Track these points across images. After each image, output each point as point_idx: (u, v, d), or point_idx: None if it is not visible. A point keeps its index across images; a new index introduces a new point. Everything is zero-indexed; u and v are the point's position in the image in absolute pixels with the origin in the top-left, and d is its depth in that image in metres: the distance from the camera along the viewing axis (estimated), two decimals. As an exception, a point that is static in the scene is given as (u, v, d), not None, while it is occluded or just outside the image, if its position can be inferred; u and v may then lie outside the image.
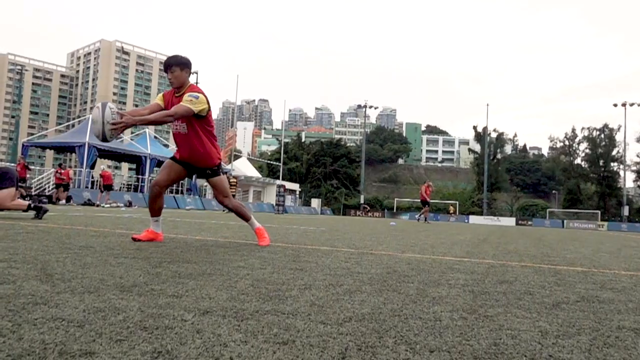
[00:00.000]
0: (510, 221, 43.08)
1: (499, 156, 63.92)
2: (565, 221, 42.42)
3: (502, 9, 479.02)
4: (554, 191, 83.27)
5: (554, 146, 65.86)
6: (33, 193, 19.97)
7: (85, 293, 1.67)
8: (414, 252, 4.16)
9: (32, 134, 74.76)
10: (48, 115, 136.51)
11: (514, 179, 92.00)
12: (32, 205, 6.48)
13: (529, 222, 42.68)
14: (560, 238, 10.01)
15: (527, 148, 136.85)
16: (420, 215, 19.35)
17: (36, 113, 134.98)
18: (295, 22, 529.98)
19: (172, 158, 3.89)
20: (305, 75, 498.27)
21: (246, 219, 3.99)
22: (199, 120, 3.65)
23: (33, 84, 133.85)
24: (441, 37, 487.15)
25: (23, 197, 12.53)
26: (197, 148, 3.70)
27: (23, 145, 25.91)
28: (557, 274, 3.06)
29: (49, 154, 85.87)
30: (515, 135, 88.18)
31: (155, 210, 3.86)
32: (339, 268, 2.76)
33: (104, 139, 3.49)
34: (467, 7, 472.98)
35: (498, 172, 61.66)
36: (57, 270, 2.11)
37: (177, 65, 3.62)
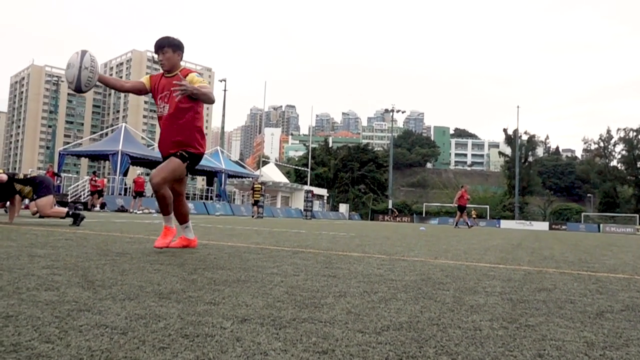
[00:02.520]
0: (543, 226, 42.07)
1: (530, 159, 62.64)
2: (601, 225, 41.13)
3: (530, 8, 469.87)
4: (588, 194, 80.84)
5: (588, 148, 64.11)
6: (69, 200, 20.59)
7: (126, 300, 1.70)
8: (446, 259, 4.10)
9: (68, 143, 77.16)
10: (83, 124, 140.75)
11: (546, 182, 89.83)
12: (70, 213, 6.68)
13: (563, 227, 41.57)
14: (598, 243, 9.71)
15: (560, 150, 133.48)
16: (457, 222, 18.95)
17: (71, 122, 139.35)
18: (321, 27, 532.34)
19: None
20: (332, 80, 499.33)
21: (165, 212, 3.60)
22: (190, 101, 3.47)
23: (68, 94, 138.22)
24: (468, 39, 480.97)
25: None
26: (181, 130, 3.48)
27: (59, 153, 26.77)
28: (597, 282, 2.97)
29: (84, 161, 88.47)
30: (547, 137, 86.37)
31: (177, 216, 3.74)
32: (372, 275, 2.74)
33: (78, 88, 3.26)
34: (494, 8, 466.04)
35: (530, 175, 60.41)
36: (98, 277, 2.17)
37: (169, 47, 3.45)
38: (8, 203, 7.01)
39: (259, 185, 23.05)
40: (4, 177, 6.46)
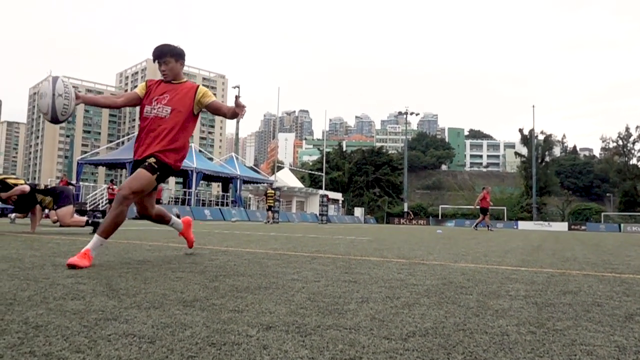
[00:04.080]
0: (562, 226, 41.45)
1: (547, 159, 61.84)
2: (622, 225, 40.38)
3: (543, 6, 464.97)
4: (608, 194, 79.48)
5: (607, 146, 63.08)
6: (87, 209, 20.89)
7: (151, 308, 1.71)
8: (466, 262, 4.06)
9: (86, 152, 78.32)
10: (100, 133, 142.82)
11: (564, 182, 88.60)
12: (89, 221, 6.77)
13: (583, 227, 40.90)
14: (620, 243, 9.52)
15: (577, 149, 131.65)
16: (477, 224, 18.71)
17: (89, 132, 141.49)
18: (334, 32, 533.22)
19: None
20: (345, 84, 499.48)
21: (108, 233, 3.03)
22: (194, 117, 3.35)
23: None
24: (481, 39, 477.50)
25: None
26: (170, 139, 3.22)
27: (78, 163, 27.19)
28: (623, 283, 2.91)
29: (101, 170, 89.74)
30: (564, 137, 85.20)
31: (162, 222, 3.55)
32: (393, 280, 2.72)
33: (54, 118, 3.01)
34: (508, 7, 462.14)
35: (547, 175, 59.64)
36: (121, 286, 2.19)
37: (171, 56, 3.25)
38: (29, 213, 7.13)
39: (272, 191, 23.11)
40: (27, 188, 6.58)
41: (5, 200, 6.58)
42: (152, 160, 3.13)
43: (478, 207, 18.23)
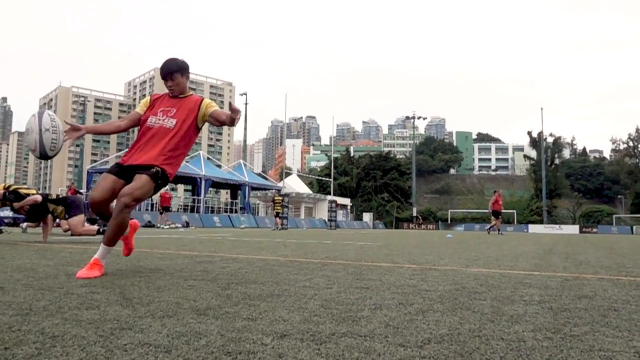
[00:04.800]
0: (573, 229, 41.08)
1: (557, 161, 61.39)
2: (634, 227, 39.93)
3: (549, 8, 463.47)
4: (619, 195, 78.60)
5: (617, 148, 62.53)
6: (98, 217, 21.03)
7: (165, 317, 1.72)
8: (478, 267, 4.03)
9: (95, 161, 79.02)
10: (109, 142, 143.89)
11: (574, 185, 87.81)
12: (100, 230, 6.81)
13: (594, 230, 40.50)
14: (633, 246, 9.42)
15: (587, 151, 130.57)
16: (491, 227, 18.67)
17: (98, 141, 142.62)
18: (340, 38, 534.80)
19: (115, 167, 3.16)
20: (351, 89, 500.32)
21: (113, 241, 2.98)
22: (196, 130, 3.30)
23: (95, 113, 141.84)
24: (487, 42, 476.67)
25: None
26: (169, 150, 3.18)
27: (88, 172, 27.40)
28: (639, 287, 2.87)
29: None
30: (574, 139, 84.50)
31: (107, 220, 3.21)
32: (405, 286, 2.71)
33: (43, 154, 2.95)
34: (514, 9, 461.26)
35: (557, 178, 59.20)
36: (135, 294, 2.20)
37: (178, 71, 3.24)
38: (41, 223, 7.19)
39: (280, 198, 23.15)
40: (39, 198, 6.64)
41: (17, 210, 6.65)
42: (157, 170, 3.08)
43: (490, 209, 18.17)
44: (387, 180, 63.77)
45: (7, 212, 14.85)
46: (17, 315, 1.70)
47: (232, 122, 3.19)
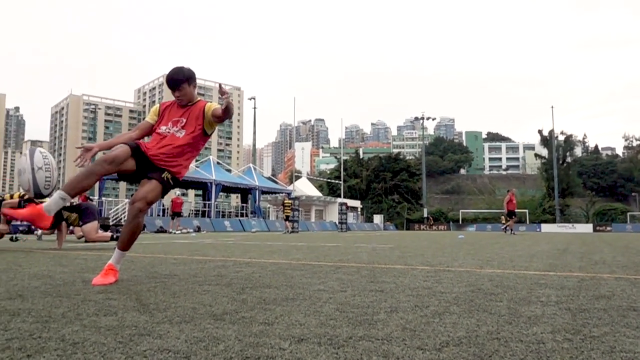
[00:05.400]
0: (586, 228, 40.64)
1: (568, 159, 60.72)
2: (649, 225, 39.38)
3: (558, 6, 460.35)
4: (633, 193, 77.61)
5: (630, 145, 61.81)
6: (110, 224, 21.20)
7: (182, 323, 1.73)
8: (493, 267, 4.01)
9: (107, 168, 79.38)
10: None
11: (587, 183, 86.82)
12: (114, 236, 6.87)
13: (608, 228, 40.03)
14: (649, 244, 9.29)
15: (599, 149, 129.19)
16: (506, 226, 18.53)
17: (109, 148, 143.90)
18: (347, 39, 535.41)
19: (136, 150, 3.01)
20: (359, 91, 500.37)
21: (128, 245, 3.04)
22: (204, 137, 3.29)
23: (105, 120, 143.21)
24: (496, 41, 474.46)
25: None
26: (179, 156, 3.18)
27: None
28: (658, 286, 2.83)
29: (122, 185, 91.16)
30: (585, 137, 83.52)
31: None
32: (420, 288, 2.70)
33: (37, 193, 2.87)
34: (523, 8, 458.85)
35: (569, 176, 58.54)
36: (151, 300, 2.21)
37: (185, 81, 3.21)
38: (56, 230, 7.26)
39: (289, 201, 23.17)
40: (52, 204, 6.71)
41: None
42: (169, 175, 3.12)
43: (506, 209, 17.95)
44: (397, 182, 63.54)
45: (21, 220, 15.01)
46: (37, 322, 1.72)
47: (226, 110, 3.13)
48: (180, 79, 3.19)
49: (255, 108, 44.57)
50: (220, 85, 3.16)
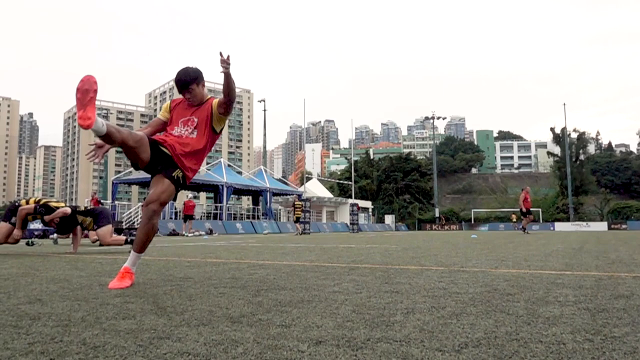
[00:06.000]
0: (601, 226, 40.15)
1: (582, 157, 60.04)
2: (666, 222, 38.79)
3: (568, 2, 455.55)
4: (648, 190, 76.51)
5: (644, 141, 60.76)
6: (124, 227, 21.39)
7: (200, 326, 1.74)
8: (507, 267, 3.98)
9: (119, 172, 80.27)
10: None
11: (601, 180, 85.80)
12: (128, 240, 6.93)
13: (624, 226, 39.51)
14: (666, 242, 9.15)
15: (613, 146, 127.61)
16: (520, 225, 18.34)
17: (121, 152, 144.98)
18: (355, 40, 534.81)
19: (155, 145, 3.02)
20: (369, 91, 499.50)
21: (143, 248, 3.08)
22: (213, 135, 3.28)
23: (117, 124, 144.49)
24: (506, 39, 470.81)
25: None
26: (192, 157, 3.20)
27: (113, 183, 27.93)
28: (678, 285, 2.79)
29: (134, 189, 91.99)
30: (598, 134, 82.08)
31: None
32: (435, 289, 2.69)
33: None
34: (533, 4, 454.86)
35: (582, 174, 57.89)
36: (168, 303, 2.23)
37: (193, 82, 3.17)
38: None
39: (300, 203, 23.20)
40: (68, 210, 6.80)
41: (48, 223, 6.81)
42: (180, 174, 3.13)
43: (524, 208, 17.71)
44: (408, 182, 63.34)
45: (37, 225, 15.23)
46: (58, 326, 1.74)
47: (227, 86, 3.04)
48: (188, 81, 3.16)
49: (265, 110, 44.70)
50: (220, 52, 3.03)
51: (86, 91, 2.63)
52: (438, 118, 54.51)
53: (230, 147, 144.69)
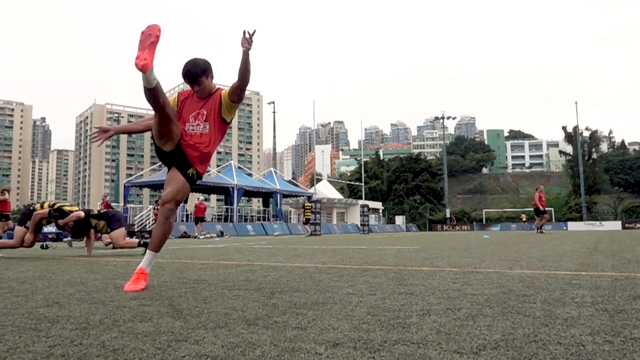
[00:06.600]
0: (615, 225, 39.68)
1: (594, 156, 59.41)
2: (681, 221, 38.23)
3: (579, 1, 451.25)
4: (663, 188, 75.42)
5: (659, 139, 59.95)
6: (136, 230, 21.55)
7: (217, 328, 1.75)
8: (522, 268, 3.94)
9: (130, 175, 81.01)
10: (143, 156, 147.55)
11: (614, 179, 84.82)
12: (141, 242, 6.99)
13: (638, 225, 38.99)
14: (683, 241, 9.01)
15: (626, 144, 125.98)
16: (542, 225, 18.07)
17: (132, 155, 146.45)
18: (364, 40, 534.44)
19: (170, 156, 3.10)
20: (378, 92, 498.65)
21: (159, 246, 3.11)
22: (223, 125, 3.25)
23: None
24: (516, 37, 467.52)
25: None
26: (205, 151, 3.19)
27: (125, 186, 28.16)
28: (697, 285, 2.75)
29: (145, 191, 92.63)
30: (611, 132, 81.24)
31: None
32: (450, 290, 2.68)
33: None
34: (542, 2, 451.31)
35: (595, 173, 57.27)
36: (184, 306, 2.24)
37: (202, 75, 3.11)
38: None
39: (310, 204, 23.23)
40: (82, 214, 6.87)
41: (62, 227, 6.89)
42: (194, 172, 3.15)
43: (541, 207, 17.49)
44: (418, 182, 63.09)
45: (50, 228, 15.41)
46: (77, 329, 1.76)
47: (244, 67, 3.00)
48: (197, 73, 3.09)
49: (274, 112, 44.82)
50: (245, 31, 3.00)
51: (148, 35, 2.72)
52: (448, 118, 54.23)
53: (240, 149, 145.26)
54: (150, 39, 2.71)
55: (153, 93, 2.77)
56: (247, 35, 3.00)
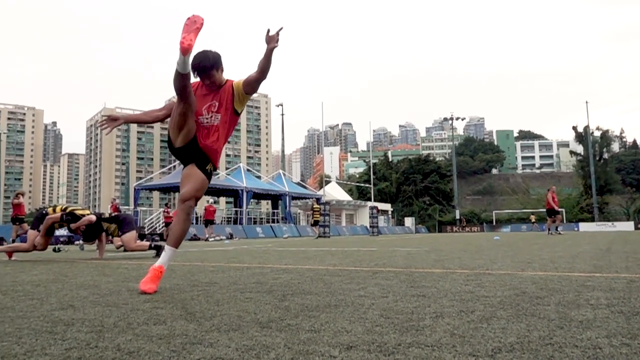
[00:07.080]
0: (627, 226, 39.24)
1: (605, 156, 58.85)
2: (695, 221, 37.71)
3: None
4: (676, 188, 74.49)
5: (671, 139, 59.26)
6: (146, 232, 21.70)
7: (230, 331, 1.75)
8: (534, 270, 3.92)
9: (140, 178, 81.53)
10: (152, 159, 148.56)
11: (626, 179, 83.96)
12: (152, 245, 7.03)
13: (651, 225, 38.49)
14: (697, 242, 8.89)
15: (638, 144, 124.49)
16: (550, 227, 17.87)
17: (142, 158, 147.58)
18: (372, 41, 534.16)
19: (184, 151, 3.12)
20: (386, 93, 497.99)
21: (178, 242, 3.08)
22: (234, 117, 3.24)
23: (137, 132, 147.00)
24: (525, 35, 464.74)
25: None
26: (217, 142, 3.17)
27: (135, 189, 28.37)
28: None
29: (155, 194, 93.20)
30: (622, 131, 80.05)
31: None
32: (462, 292, 2.66)
33: None
34: (551, 1, 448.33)
35: (607, 173, 56.73)
36: (197, 309, 2.25)
37: (212, 67, 3.07)
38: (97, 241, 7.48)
39: (318, 206, 23.24)
40: (93, 217, 6.93)
41: (74, 230, 6.95)
42: (212, 167, 3.18)
43: (556, 207, 17.31)
44: (427, 184, 62.89)
45: (62, 231, 15.56)
46: (92, 332, 1.78)
47: (266, 59, 3.03)
48: (208, 67, 3.05)
49: (283, 114, 44.92)
50: (268, 30, 3.04)
51: (194, 22, 2.86)
52: (457, 119, 54.01)
53: (249, 152, 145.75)
54: (195, 25, 2.83)
55: (186, 78, 2.86)
56: (274, 33, 3.04)
